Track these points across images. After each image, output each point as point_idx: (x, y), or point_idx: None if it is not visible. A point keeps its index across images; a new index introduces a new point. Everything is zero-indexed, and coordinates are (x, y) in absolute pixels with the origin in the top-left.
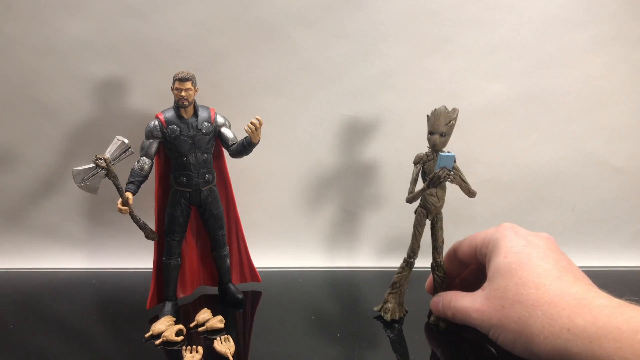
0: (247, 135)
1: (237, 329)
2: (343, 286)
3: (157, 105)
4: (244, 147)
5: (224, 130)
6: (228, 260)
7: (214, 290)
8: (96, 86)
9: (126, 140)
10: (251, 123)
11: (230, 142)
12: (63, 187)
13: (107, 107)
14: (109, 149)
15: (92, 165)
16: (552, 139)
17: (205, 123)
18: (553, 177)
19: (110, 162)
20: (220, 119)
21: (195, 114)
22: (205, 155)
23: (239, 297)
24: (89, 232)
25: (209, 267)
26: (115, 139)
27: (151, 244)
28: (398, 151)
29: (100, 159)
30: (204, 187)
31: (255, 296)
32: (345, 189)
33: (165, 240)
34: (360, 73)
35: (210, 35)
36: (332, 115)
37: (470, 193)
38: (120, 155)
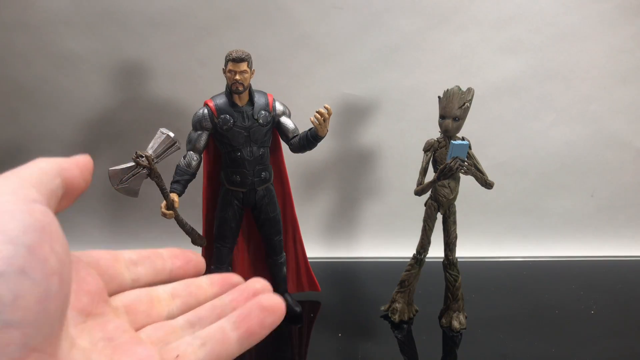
0: (312, 126)
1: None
2: (346, 278)
3: (142, 84)
4: (308, 141)
5: (284, 119)
6: (285, 269)
7: None
8: (74, 64)
9: (172, 134)
10: (318, 113)
11: (291, 134)
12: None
13: (87, 86)
14: (151, 144)
15: (132, 164)
16: (571, 119)
17: (263, 112)
18: (571, 160)
19: (153, 160)
20: (279, 107)
21: (251, 101)
22: (261, 149)
23: (297, 311)
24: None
25: (262, 273)
26: (158, 132)
27: (197, 249)
28: (404, 133)
29: (142, 156)
30: (259, 187)
31: (313, 308)
32: (345, 174)
33: (214, 246)
34: (362, 47)
35: (198, 7)
36: (331, 94)
37: (487, 184)
38: (164, 151)
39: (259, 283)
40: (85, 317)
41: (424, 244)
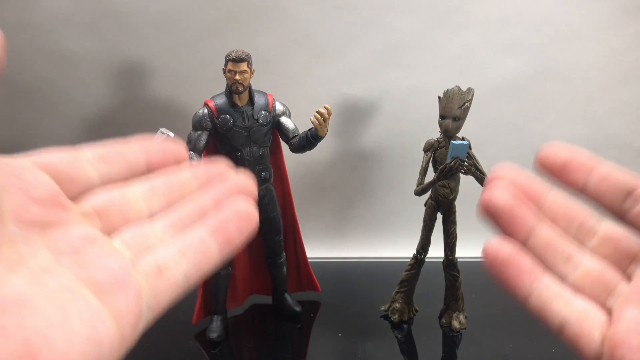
0: (312, 126)
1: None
2: (346, 278)
3: (142, 84)
4: (308, 141)
5: (284, 119)
6: (285, 269)
7: (267, 299)
8: (74, 64)
9: (172, 134)
10: (318, 113)
11: (291, 134)
12: None
13: (87, 86)
14: None
15: None
16: (571, 120)
17: (263, 112)
18: None
19: None
20: (279, 107)
21: (251, 101)
22: (261, 149)
23: (297, 310)
24: None
25: (262, 273)
26: (158, 132)
27: None
28: (404, 133)
29: None
30: (259, 187)
31: (313, 308)
32: (345, 174)
33: None
34: (362, 48)
35: (198, 7)
36: (331, 94)
37: None
38: None
39: (241, 180)
40: (41, 229)
41: (424, 244)
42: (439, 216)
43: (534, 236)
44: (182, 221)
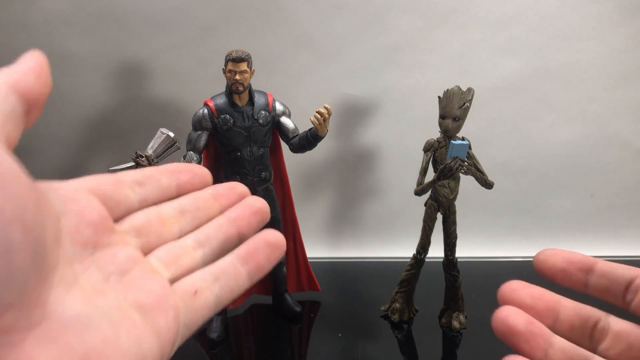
0: (312, 126)
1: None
2: (346, 278)
3: (142, 84)
4: (308, 141)
5: (284, 120)
6: (284, 269)
7: (267, 299)
8: (74, 64)
9: (172, 134)
10: (318, 113)
11: (291, 134)
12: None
13: (87, 86)
14: (151, 144)
15: (132, 163)
16: (571, 119)
17: (263, 112)
18: (571, 161)
19: (153, 160)
20: (279, 107)
21: (251, 101)
22: (261, 149)
23: (297, 310)
24: None
25: None
26: (158, 132)
27: None
28: (404, 133)
29: (142, 156)
30: (259, 187)
31: (313, 308)
32: (345, 174)
33: None
34: (362, 48)
35: (199, 7)
36: (331, 93)
37: (487, 184)
38: (164, 151)
39: (259, 201)
40: (92, 250)
41: (424, 244)
42: (439, 216)
43: (551, 350)
44: (209, 239)
